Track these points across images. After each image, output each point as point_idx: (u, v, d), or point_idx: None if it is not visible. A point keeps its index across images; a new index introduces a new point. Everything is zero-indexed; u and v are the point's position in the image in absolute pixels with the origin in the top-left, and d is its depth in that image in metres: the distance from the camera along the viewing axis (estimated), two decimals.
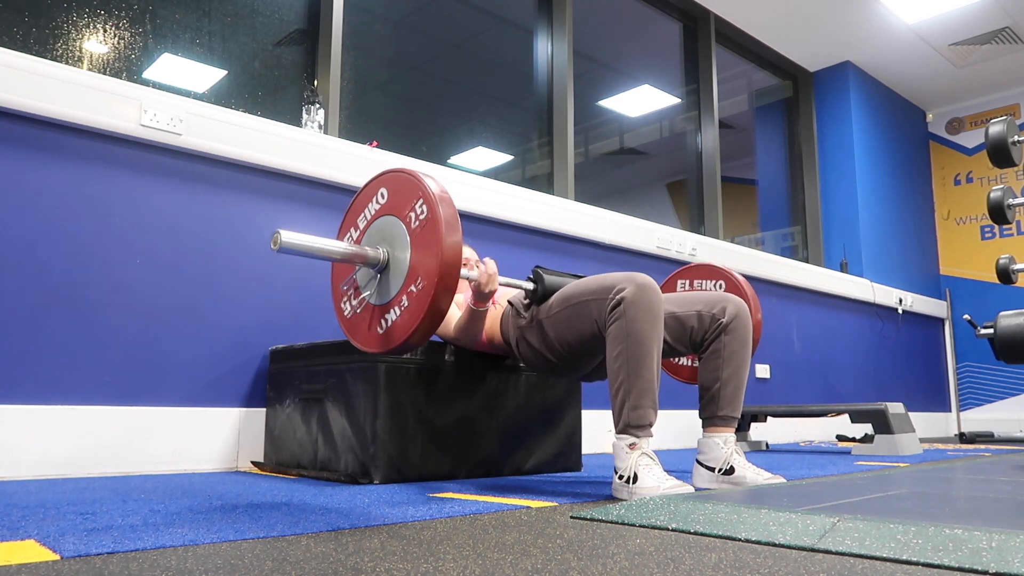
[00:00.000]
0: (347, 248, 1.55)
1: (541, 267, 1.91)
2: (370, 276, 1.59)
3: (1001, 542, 0.96)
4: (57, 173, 2.14)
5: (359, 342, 1.60)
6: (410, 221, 1.51)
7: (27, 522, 1.22)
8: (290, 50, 3.01)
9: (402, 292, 1.49)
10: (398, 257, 1.53)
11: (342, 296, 1.67)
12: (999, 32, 4.96)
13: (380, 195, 1.62)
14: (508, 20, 4.10)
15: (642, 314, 1.63)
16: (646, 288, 1.65)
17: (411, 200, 1.53)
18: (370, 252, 1.55)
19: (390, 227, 1.56)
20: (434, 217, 1.46)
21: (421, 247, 1.48)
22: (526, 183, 3.68)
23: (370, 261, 1.55)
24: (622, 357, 1.63)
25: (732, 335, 1.85)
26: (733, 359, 1.84)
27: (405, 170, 1.58)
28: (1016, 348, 3.35)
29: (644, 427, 1.62)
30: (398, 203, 1.56)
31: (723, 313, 1.87)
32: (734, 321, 1.86)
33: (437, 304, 1.43)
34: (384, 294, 1.54)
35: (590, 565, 0.92)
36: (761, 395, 4.29)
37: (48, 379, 2.05)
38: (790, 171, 5.58)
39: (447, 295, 1.44)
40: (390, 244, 1.56)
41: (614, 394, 1.65)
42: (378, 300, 1.55)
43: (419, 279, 1.46)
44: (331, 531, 1.16)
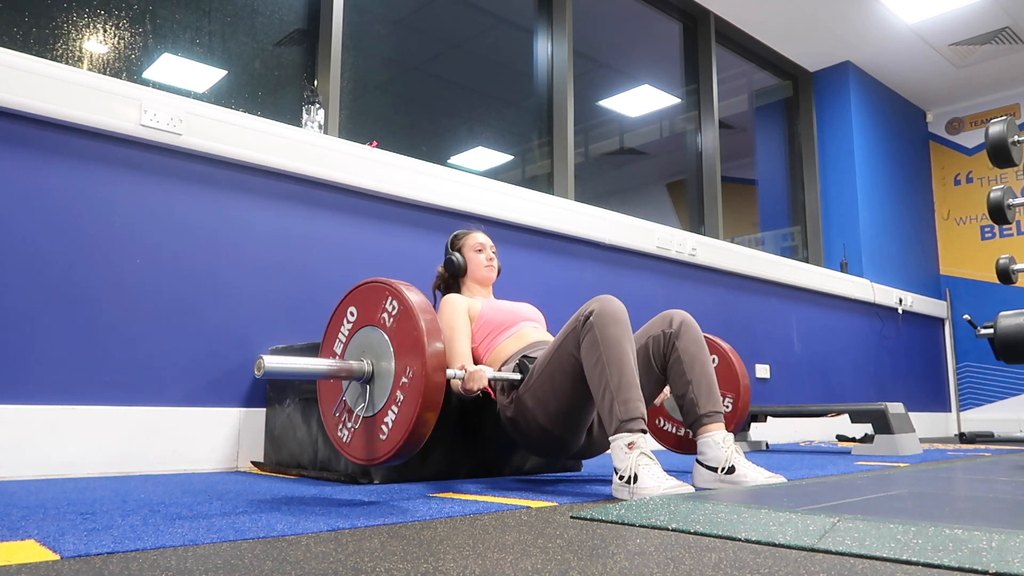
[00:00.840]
0: (332, 365, 1.54)
1: (527, 357, 1.94)
2: (358, 390, 1.59)
3: (1001, 542, 0.96)
4: (57, 173, 2.14)
5: (358, 458, 1.58)
6: (386, 325, 1.53)
7: (27, 522, 1.22)
8: (290, 50, 3.01)
9: (385, 407, 1.50)
10: (383, 369, 1.53)
11: (336, 423, 1.65)
12: (999, 32, 4.96)
13: (351, 312, 1.63)
14: (508, 20, 4.10)
15: (610, 320, 1.72)
16: (609, 300, 1.76)
17: (382, 305, 1.54)
18: (355, 366, 1.55)
19: (379, 342, 1.56)
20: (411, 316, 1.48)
21: (403, 350, 1.49)
22: (526, 183, 3.68)
23: (355, 375, 1.55)
24: (600, 363, 1.68)
25: (684, 338, 1.94)
26: (695, 360, 1.91)
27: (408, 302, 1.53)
28: (1016, 348, 3.35)
29: (636, 419, 1.63)
30: (371, 313, 1.57)
31: (669, 324, 1.96)
32: (681, 326, 1.95)
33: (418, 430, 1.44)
34: (373, 405, 1.54)
35: (590, 565, 0.92)
36: (761, 395, 4.29)
37: (48, 379, 2.05)
38: (790, 171, 5.58)
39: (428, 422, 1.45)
40: (375, 356, 1.56)
41: (600, 399, 1.68)
42: (368, 412, 1.55)
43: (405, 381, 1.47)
44: (331, 531, 1.16)
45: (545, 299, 2.88)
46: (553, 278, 3.37)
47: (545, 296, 3.15)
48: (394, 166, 2.82)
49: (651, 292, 3.81)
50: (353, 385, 1.60)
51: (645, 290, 3.79)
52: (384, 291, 1.56)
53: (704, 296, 4.11)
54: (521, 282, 3.16)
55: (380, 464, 1.54)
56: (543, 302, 2.60)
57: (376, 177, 2.76)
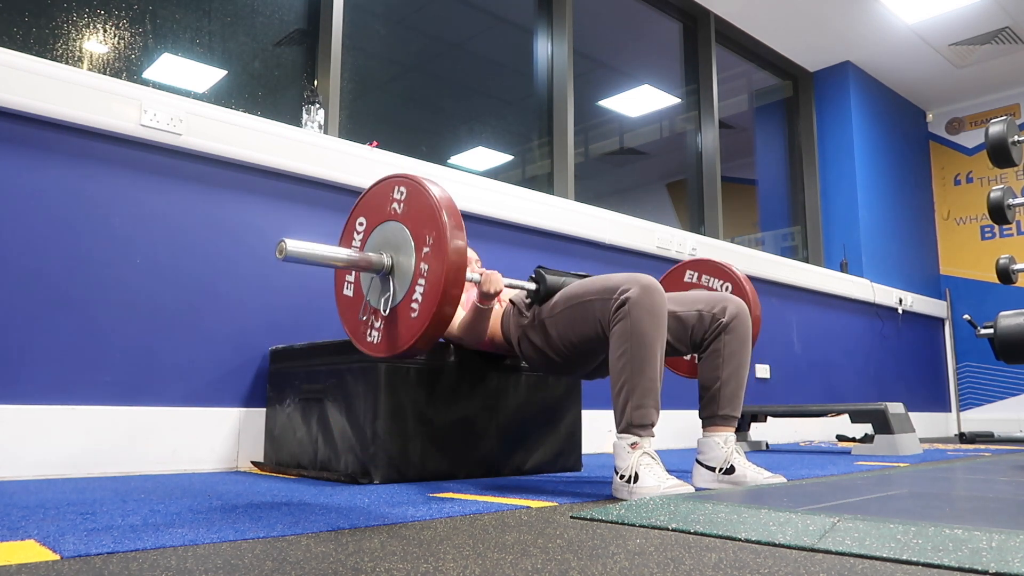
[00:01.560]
0: (352, 255, 1.54)
1: (543, 267, 1.91)
2: (374, 281, 1.58)
3: (1001, 542, 0.96)
4: (57, 173, 2.14)
5: (363, 347, 1.59)
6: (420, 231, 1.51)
7: (27, 522, 1.22)
8: (290, 50, 3.01)
9: (407, 297, 1.49)
10: (402, 263, 1.52)
11: (345, 299, 1.66)
12: (999, 32, 4.96)
13: (397, 195, 1.60)
14: (508, 20, 4.10)
15: (646, 315, 1.64)
16: (650, 289, 1.66)
17: (420, 208, 1.52)
18: (374, 258, 1.54)
19: (395, 233, 1.56)
20: (438, 221, 1.46)
21: (426, 256, 1.47)
22: (526, 183, 3.68)
23: (374, 267, 1.54)
24: (625, 357, 1.63)
25: (732, 335, 1.86)
26: (733, 359, 1.85)
27: (415, 178, 1.56)
28: (1016, 348, 3.34)
29: (646, 427, 1.62)
30: (409, 211, 1.55)
31: (723, 313, 1.88)
32: (734, 321, 1.87)
33: (441, 312, 1.43)
34: (387, 300, 1.53)
35: (590, 565, 0.92)
36: (761, 395, 4.29)
37: (48, 379, 2.05)
38: (790, 171, 5.58)
39: (452, 300, 1.43)
40: (394, 249, 1.55)
41: (616, 393, 1.65)
42: (383, 306, 1.54)
43: (424, 284, 1.46)
44: (331, 531, 1.16)
45: None
46: None
47: None
48: (394, 166, 2.82)
49: None
50: (374, 284, 1.58)
51: None
52: (389, 183, 1.57)
53: None
54: None
55: (397, 355, 1.52)
56: None
57: (376, 177, 2.75)
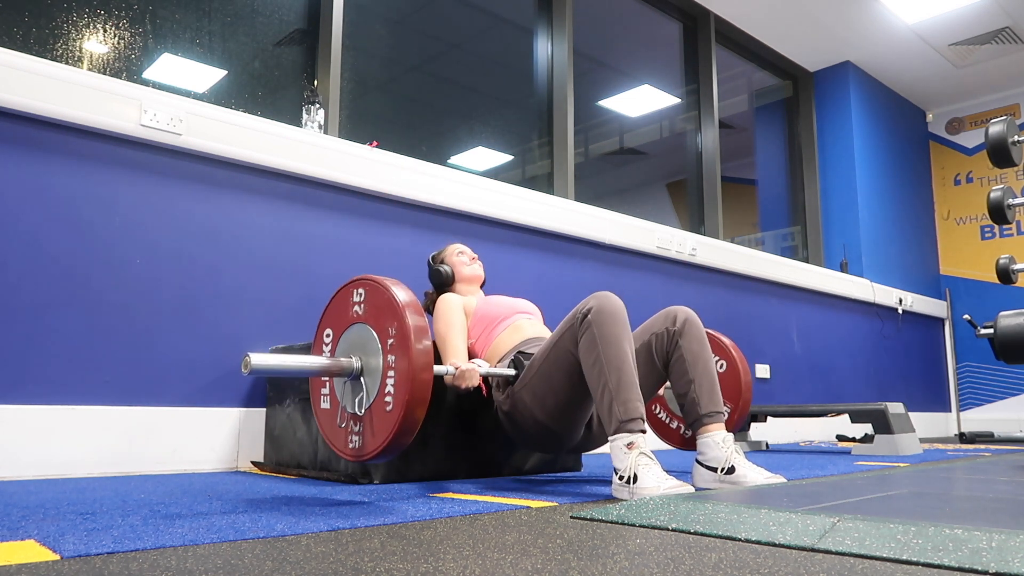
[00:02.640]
0: (321, 362, 1.54)
1: (523, 352, 1.94)
2: (347, 385, 1.58)
3: (1001, 542, 0.96)
4: (57, 173, 2.14)
5: (348, 455, 1.58)
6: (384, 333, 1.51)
7: (27, 522, 1.22)
8: (290, 50, 3.01)
9: (380, 393, 1.49)
10: (371, 363, 1.53)
11: (325, 414, 1.66)
12: (999, 32, 4.96)
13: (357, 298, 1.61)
14: (508, 20, 4.10)
15: (608, 318, 1.71)
16: (608, 297, 1.75)
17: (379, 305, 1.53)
18: (344, 362, 1.55)
19: (360, 335, 1.56)
20: (400, 317, 1.47)
21: (392, 348, 1.48)
22: (526, 183, 3.68)
23: (344, 371, 1.54)
24: (599, 362, 1.68)
25: (687, 336, 1.93)
26: (697, 359, 1.90)
27: (370, 278, 1.58)
28: (1016, 348, 3.34)
29: (635, 419, 1.63)
30: (369, 311, 1.56)
31: (673, 322, 1.95)
32: (685, 325, 1.94)
33: (414, 401, 1.43)
34: (361, 401, 1.53)
35: (590, 565, 0.92)
36: (761, 395, 4.29)
37: (48, 379, 2.05)
38: (790, 171, 5.58)
39: (422, 391, 1.44)
40: (362, 351, 1.55)
41: (599, 399, 1.67)
42: (357, 408, 1.54)
43: (393, 379, 1.46)
44: (331, 531, 1.16)
45: (545, 299, 2.87)
46: (553, 278, 3.37)
47: (545, 296, 3.14)
48: (394, 166, 2.82)
49: (651, 292, 3.81)
50: (347, 389, 1.59)
51: (645, 290, 3.79)
52: (380, 292, 1.54)
53: (704, 296, 4.11)
54: (521, 282, 3.16)
55: (365, 461, 1.53)
56: (543, 302, 2.60)
57: (376, 177, 2.76)
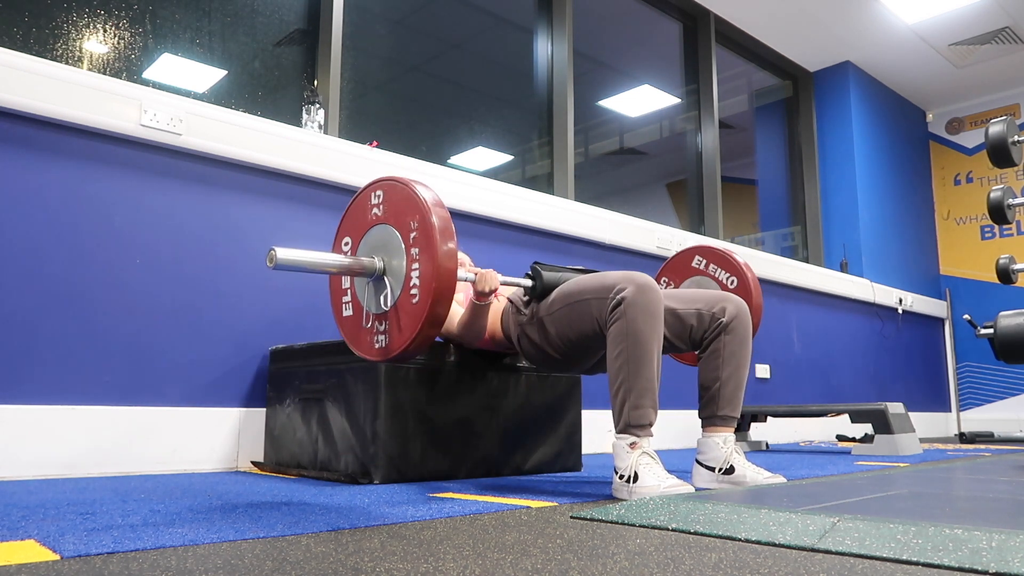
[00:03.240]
0: (344, 260, 1.54)
1: (540, 263, 1.91)
2: (369, 287, 1.58)
3: (1001, 542, 0.96)
4: (57, 173, 2.14)
5: (362, 351, 1.59)
6: (407, 229, 1.51)
7: (27, 522, 1.22)
8: (290, 50, 3.01)
9: (404, 292, 1.49)
10: (394, 265, 1.52)
11: (342, 306, 1.66)
12: (999, 32, 4.96)
13: (375, 200, 1.61)
14: (508, 20, 4.10)
15: (642, 314, 1.64)
16: (646, 288, 1.66)
17: (406, 207, 1.52)
18: (366, 261, 1.54)
19: (385, 236, 1.56)
20: (427, 223, 1.46)
21: (415, 241, 1.48)
22: (526, 183, 3.68)
23: (367, 270, 1.54)
24: (622, 357, 1.63)
25: (732, 335, 1.86)
26: (733, 359, 1.85)
27: (398, 179, 1.57)
28: (1016, 348, 3.34)
29: (644, 427, 1.62)
30: (394, 212, 1.55)
31: (723, 313, 1.87)
32: (734, 321, 1.86)
33: (435, 310, 1.43)
34: (382, 303, 1.53)
35: (590, 565, 0.92)
36: (761, 395, 4.29)
37: (48, 379, 2.05)
38: (790, 171, 5.58)
39: (444, 301, 1.44)
40: (386, 252, 1.55)
41: (614, 393, 1.65)
42: (376, 309, 1.54)
43: (417, 272, 1.46)
44: (331, 531, 1.16)
45: None
46: None
47: None
48: (394, 166, 2.82)
49: None
50: (369, 291, 1.58)
51: None
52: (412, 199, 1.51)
53: None
54: None
55: (390, 359, 1.52)
56: None
57: (376, 177, 2.76)
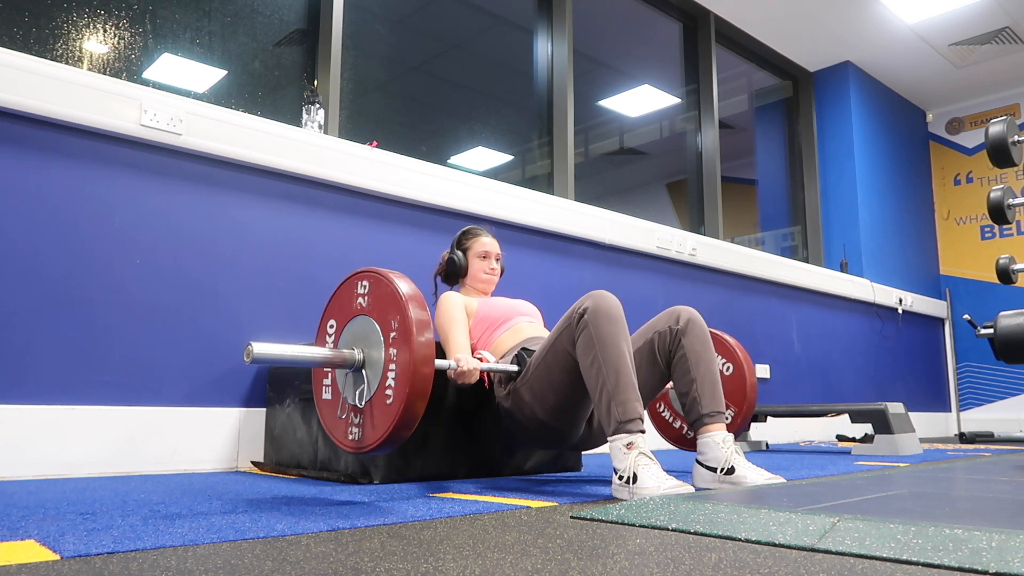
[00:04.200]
0: (324, 353, 1.54)
1: (526, 349, 1.95)
2: (348, 377, 1.59)
3: (1001, 542, 0.96)
4: (57, 173, 2.14)
5: (345, 445, 1.58)
6: (387, 326, 1.52)
7: (27, 522, 1.22)
8: (290, 50, 3.01)
9: (380, 389, 1.49)
10: (373, 355, 1.53)
11: (326, 405, 1.66)
12: (999, 32, 4.96)
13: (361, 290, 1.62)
14: (508, 20, 4.10)
15: (604, 319, 1.71)
16: (604, 296, 1.75)
17: (388, 304, 1.53)
18: (346, 354, 1.55)
19: (364, 327, 1.56)
20: (403, 310, 1.47)
21: (394, 341, 1.48)
22: (526, 183, 3.68)
23: (347, 363, 1.55)
24: (596, 362, 1.68)
25: (690, 335, 1.93)
26: (700, 359, 1.90)
27: (375, 271, 1.59)
28: (1016, 348, 3.34)
29: (634, 420, 1.63)
30: (377, 306, 1.56)
31: (676, 321, 1.96)
32: (688, 324, 1.94)
33: (414, 395, 1.43)
34: (362, 393, 1.54)
35: (590, 565, 0.92)
36: (761, 395, 4.29)
37: (49, 379, 2.05)
38: (790, 171, 5.58)
39: (423, 385, 1.44)
40: (364, 343, 1.56)
41: (598, 400, 1.67)
42: (357, 400, 1.54)
43: (394, 372, 1.46)
44: (331, 531, 1.16)
45: (545, 299, 2.87)
46: (553, 278, 3.37)
47: (545, 296, 3.14)
48: (394, 166, 2.82)
49: (651, 292, 3.81)
50: (348, 380, 1.59)
51: (645, 290, 3.79)
52: (383, 284, 1.55)
53: (704, 296, 4.11)
54: (521, 282, 3.16)
55: (364, 454, 1.53)
56: (543, 302, 2.60)
57: (376, 177, 2.76)
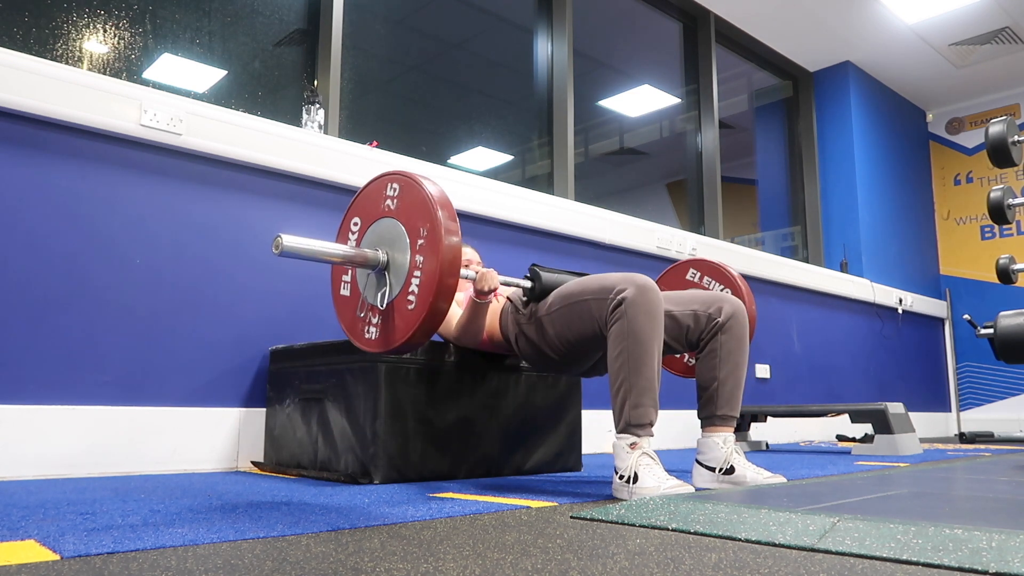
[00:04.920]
0: (347, 251, 1.55)
1: (538, 265, 1.92)
2: (370, 278, 1.59)
3: (1001, 542, 0.96)
4: (57, 173, 2.14)
5: (361, 343, 1.60)
6: (415, 233, 1.51)
7: (27, 522, 1.22)
8: (290, 50, 3.01)
9: (403, 291, 1.50)
10: (397, 259, 1.53)
11: (342, 298, 1.67)
12: (999, 32, 4.96)
13: (391, 192, 1.61)
14: (508, 20, 4.10)
15: (643, 315, 1.65)
16: (646, 289, 1.67)
17: (419, 211, 1.53)
18: (370, 254, 1.55)
19: (390, 230, 1.57)
20: (436, 234, 1.47)
21: (421, 248, 1.48)
22: (526, 183, 3.68)
23: (370, 263, 1.55)
24: (623, 356, 1.64)
25: (728, 334, 1.86)
26: (730, 358, 1.85)
27: (415, 179, 1.57)
28: (1016, 348, 3.34)
29: (645, 426, 1.62)
30: (406, 210, 1.56)
31: (719, 313, 1.88)
32: (730, 320, 1.87)
33: (437, 304, 1.44)
34: (384, 295, 1.54)
35: (590, 565, 0.92)
36: (761, 395, 4.29)
37: (48, 379, 2.05)
38: (790, 171, 5.58)
39: (447, 295, 1.44)
40: (390, 246, 1.56)
41: (615, 393, 1.65)
42: (378, 301, 1.55)
43: (419, 276, 1.47)
44: (331, 531, 1.16)
45: None
46: None
47: None
48: (394, 166, 2.81)
49: None
50: (370, 280, 1.59)
51: None
52: (382, 181, 1.59)
53: None
54: None
55: (390, 351, 1.54)
56: None
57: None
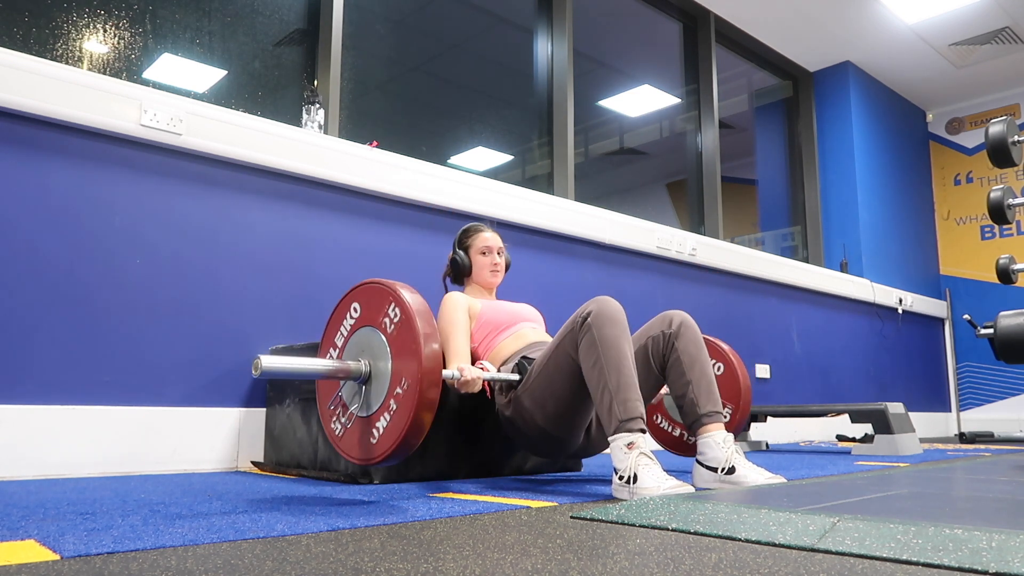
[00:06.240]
0: (329, 365, 1.55)
1: (527, 357, 1.95)
2: (355, 389, 1.59)
3: (1001, 542, 0.96)
4: (57, 173, 2.14)
5: (352, 456, 1.59)
6: (385, 327, 1.53)
7: (27, 522, 1.22)
8: (290, 50, 3.01)
9: (387, 401, 1.50)
10: (379, 367, 1.53)
11: (331, 416, 1.66)
12: (999, 32, 4.96)
13: (353, 309, 1.63)
14: (508, 20, 4.10)
15: (607, 321, 1.73)
16: (607, 301, 1.77)
17: (383, 307, 1.54)
18: (352, 365, 1.56)
19: (368, 338, 1.57)
20: (409, 320, 1.48)
21: (400, 354, 1.49)
22: (526, 183, 3.68)
23: (352, 374, 1.55)
24: (599, 364, 1.69)
25: (683, 339, 1.94)
26: (695, 360, 1.91)
27: (375, 281, 1.60)
28: (1016, 348, 3.34)
29: (635, 418, 1.63)
30: (371, 314, 1.57)
31: (670, 325, 1.97)
32: (680, 327, 1.95)
33: (420, 412, 1.43)
34: (369, 405, 1.54)
35: (590, 565, 0.92)
36: (761, 395, 4.29)
37: (48, 379, 2.05)
38: (790, 171, 5.58)
39: (430, 404, 1.44)
40: (371, 355, 1.56)
41: (599, 399, 1.68)
42: (364, 412, 1.55)
43: (401, 385, 1.47)
44: (331, 531, 1.16)
45: (545, 299, 2.87)
46: (553, 278, 3.37)
47: (545, 296, 3.14)
48: (394, 166, 2.82)
49: (651, 292, 3.81)
50: (350, 383, 1.60)
51: (645, 290, 3.79)
52: (388, 296, 1.56)
53: (704, 296, 4.11)
54: (521, 282, 3.16)
55: (372, 465, 1.55)
56: (543, 302, 2.60)
57: (376, 177, 2.76)
